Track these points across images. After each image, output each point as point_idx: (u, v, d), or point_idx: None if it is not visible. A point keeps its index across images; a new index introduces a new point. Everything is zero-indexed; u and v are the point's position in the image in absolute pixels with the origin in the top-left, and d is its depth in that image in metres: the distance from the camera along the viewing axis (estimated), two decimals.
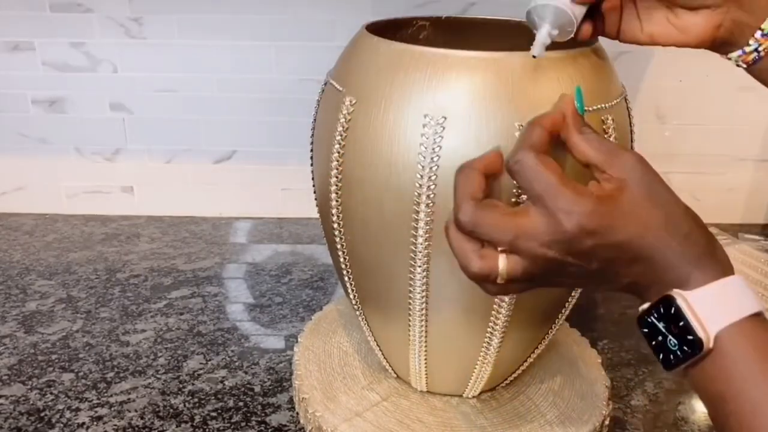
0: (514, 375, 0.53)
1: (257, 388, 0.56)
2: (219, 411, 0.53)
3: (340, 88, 0.44)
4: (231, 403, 0.54)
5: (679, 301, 0.33)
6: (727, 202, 0.89)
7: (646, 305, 0.35)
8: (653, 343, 0.35)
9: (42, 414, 0.53)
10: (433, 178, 0.39)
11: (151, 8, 0.79)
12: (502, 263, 0.34)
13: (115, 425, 0.52)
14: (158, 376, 0.57)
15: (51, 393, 0.55)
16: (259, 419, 0.52)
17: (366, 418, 0.50)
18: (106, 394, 0.55)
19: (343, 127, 0.42)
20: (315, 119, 0.48)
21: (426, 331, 0.47)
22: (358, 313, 0.51)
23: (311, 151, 0.48)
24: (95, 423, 0.52)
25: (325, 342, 0.58)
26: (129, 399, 0.54)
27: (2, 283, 0.72)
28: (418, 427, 0.49)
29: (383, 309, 0.49)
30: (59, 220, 0.88)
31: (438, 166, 0.39)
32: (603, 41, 0.45)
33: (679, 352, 0.33)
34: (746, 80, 0.47)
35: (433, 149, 0.39)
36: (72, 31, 0.80)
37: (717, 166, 0.87)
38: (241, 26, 0.80)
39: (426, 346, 0.48)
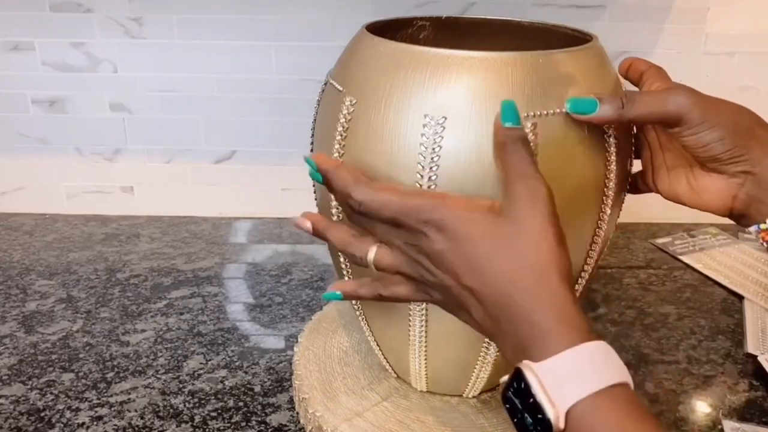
0: None
1: (257, 388, 0.56)
2: (219, 411, 0.53)
3: (341, 88, 0.44)
4: (231, 403, 0.54)
5: (528, 376, 0.30)
6: None
7: (505, 378, 0.32)
8: (515, 420, 0.31)
9: (42, 414, 0.53)
10: (433, 178, 0.39)
11: (151, 8, 0.79)
12: (372, 252, 0.37)
13: (115, 425, 0.52)
14: (158, 376, 0.57)
15: (51, 393, 0.55)
16: (259, 419, 0.52)
17: (366, 418, 0.50)
18: (106, 394, 0.55)
19: (343, 127, 0.42)
20: (315, 119, 0.47)
21: (426, 331, 0.47)
22: (358, 313, 0.51)
23: (311, 151, 0.48)
24: (95, 423, 0.52)
25: (326, 342, 0.58)
26: (129, 399, 0.54)
27: (2, 283, 0.72)
28: (417, 427, 0.49)
29: (383, 309, 0.49)
30: (59, 220, 0.88)
31: (438, 166, 0.39)
32: (602, 41, 0.45)
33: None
34: (746, 80, 0.47)
35: (433, 149, 0.39)
36: (72, 31, 0.80)
37: None
38: (241, 26, 0.80)
39: (426, 346, 0.48)
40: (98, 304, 0.68)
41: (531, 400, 0.30)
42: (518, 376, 0.30)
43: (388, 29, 0.48)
